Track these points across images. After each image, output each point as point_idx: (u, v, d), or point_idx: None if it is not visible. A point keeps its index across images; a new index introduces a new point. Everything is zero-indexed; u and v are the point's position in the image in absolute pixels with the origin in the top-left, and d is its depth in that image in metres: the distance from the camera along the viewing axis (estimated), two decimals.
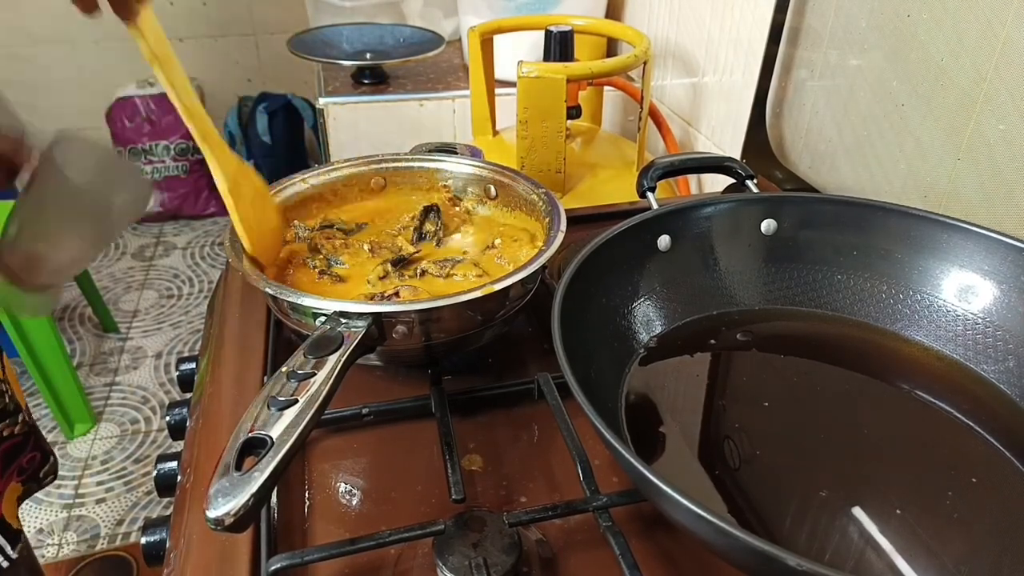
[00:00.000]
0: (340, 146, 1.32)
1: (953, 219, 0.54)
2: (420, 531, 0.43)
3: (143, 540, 0.52)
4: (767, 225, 0.60)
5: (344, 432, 0.55)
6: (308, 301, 0.50)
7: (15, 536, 0.75)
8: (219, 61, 2.48)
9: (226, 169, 0.55)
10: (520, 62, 0.88)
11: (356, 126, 1.32)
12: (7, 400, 0.74)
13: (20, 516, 0.77)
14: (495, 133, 1.12)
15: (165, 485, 0.58)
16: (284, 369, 0.44)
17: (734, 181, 0.69)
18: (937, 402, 0.51)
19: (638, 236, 0.56)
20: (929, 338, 0.55)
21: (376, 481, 0.51)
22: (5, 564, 0.73)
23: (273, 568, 0.42)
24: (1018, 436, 0.48)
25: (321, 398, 0.42)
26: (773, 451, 0.49)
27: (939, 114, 0.66)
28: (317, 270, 0.61)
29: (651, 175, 0.66)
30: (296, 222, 0.66)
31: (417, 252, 0.63)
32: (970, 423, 0.49)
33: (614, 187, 0.99)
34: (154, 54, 0.49)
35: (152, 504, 1.53)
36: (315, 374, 0.43)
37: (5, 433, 0.73)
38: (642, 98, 0.99)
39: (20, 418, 0.75)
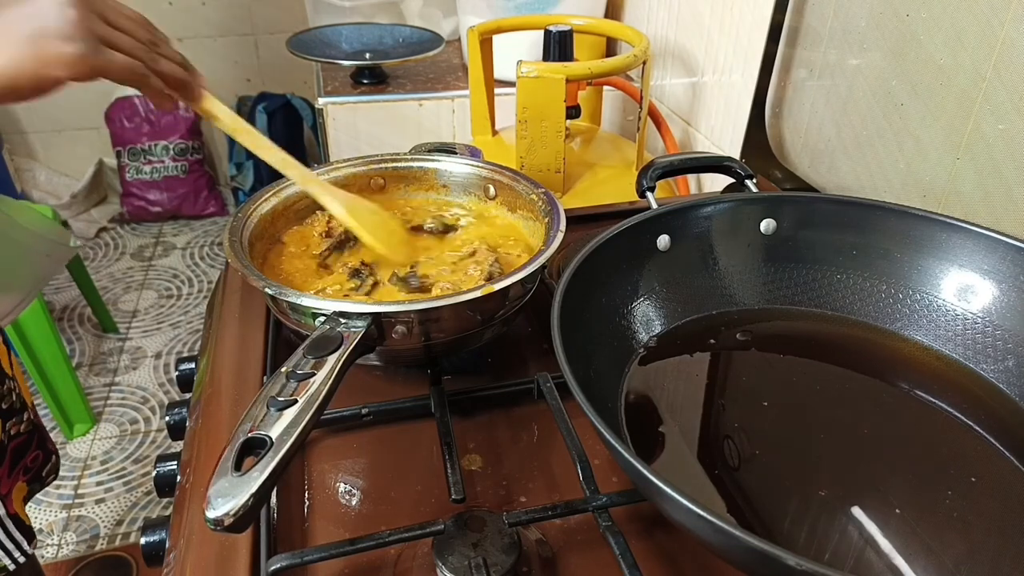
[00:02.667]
0: (339, 146, 1.32)
1: (952, 219, 0.54)
2: (420, 531, 0.43)
3: (143, 540, 0.52)
4: (766, 225, 0.60)
5: (344, 432, 0.55)
6: (307, 301, 0.50)
7: (30, 532, 0.75)
8: (218, 61, 2.48)
9: (340, 200, 0.61)
10: (519, 62, 0.88)
11: (355, 126, 1.32)
12: (14, 398, 0.74)
13: (27, 514, 0.77)
14: (494, 133, 1.12)
15: (165, 485, 0.58)
16: (283, 369, 0.44)
17: (733, 181, 0.69)
18: (936, 402, 0.51)
19: (637, 236, 0.56)
20: (928, 338, 0.56)
21: (376, 481, 0.51)
22: (22, 559, 0.73)
23: (273, 568, 0.42)
24: (1017, 436, 0.48)
25: (321, 398, 0.42)
26: (772, 451, 0.49)
27: (938, 114, 0.66)
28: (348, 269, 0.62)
29: (650, 175, 0.66)
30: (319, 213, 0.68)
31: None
32: (970, 423, 0.49)
33: (613, 187, 0.99)
34: (232, 128, 0.57)
35: (152, 504, 1.53)
36: (314, 374, 0.43)
37: (13, 432, 0.73)
38: (641, 98, 0.99)
39: (25, 416, 0.76)
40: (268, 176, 2.43)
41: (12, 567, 0.73)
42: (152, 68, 0.50)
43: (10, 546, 0.73)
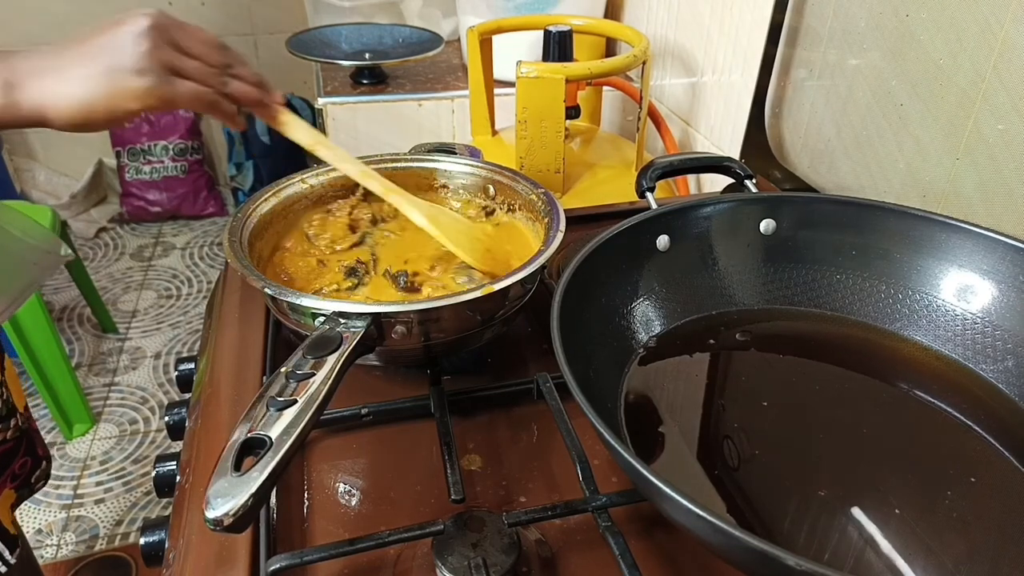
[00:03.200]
0: (339, 146, 1.32)
1: (952, 219, 0.54)
2: (419, 531, 0.43)
3: (142, 540, 0.52)
4: (766, 225, 0.60)
5: (343, 432, 0.55)
6: (307, 301, 0.50)
7: (13, 541, 0.74)
8: None
9: (421, 209, 0.60)
10: (519, 62, 0.88)
11: (355, 126, 1.32)
12: (1, 404, 0.73)
13: (18, 517, 0.77)
14: (494, 133, 1.12)
15: (164, 485, 0.58)
16: (283, 369, 0.44)
17: (733, 181, 0.69)
18: (936, 402, 0.51)
19: (637, 236, 0.56)
20: (928, 338, 0.56)
21: (375, 481, 0.51)
22: (3, 569, 0.73)
23: (272, 568, 0.42)
24: (1017, 436, 0.48)
25: (320, 398, 0.42)
26: (772, 451, 0.49)
27: (938, 114, 0.66)
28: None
29: (650, 175, 0.66)
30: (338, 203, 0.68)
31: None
32: (969, 423, 0.49)
33: (613, 187, 0.99)
34: (312, 144, 0.57)
35: (151, 504, 1.53)
36: (314, 374, 0.43)
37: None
38: (641, 98, 0.99)
39: (12, 423, 0.75)
40: (267, 176, 2.43)
41: None
42: (222, 93, 0.51)
43: None
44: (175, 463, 0.58)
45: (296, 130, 0.57)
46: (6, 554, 0.73)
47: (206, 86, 0.50)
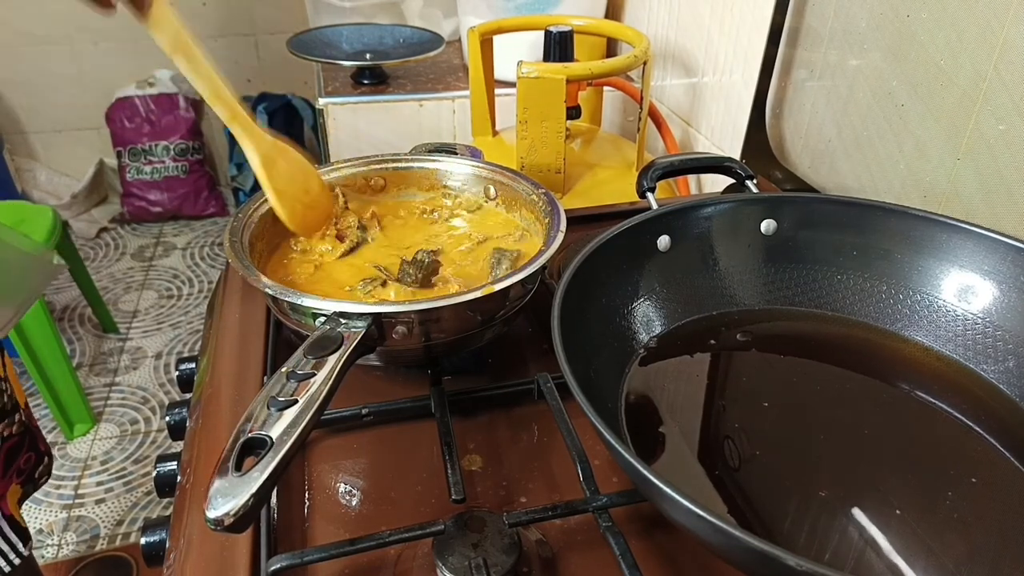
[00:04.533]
0: (340, 146, 1.32)
1: (953, 219, 0.54)
2: (420, 531, 0.43)
3: (143, 540, 0.52)
4: (767, 225, 0.60)
5: (344, 432, 0.55)
6: (308, 301, 0.50)
7: (25, 534, 0.75)
8: (219, 61, 2.46)
9: (258, 146, 0.56)
10: (520, 62, 0.88)
11: (356, 126, 1.32)
12: (5, 399, 0.74)
13: (22, 516, 0.77)
14: (495, 133, 1.12)
15: (165, 485, 0.58)
16: (284, 369, 0.44)
17: (734, 181, 0.69)
18: (937, 402, 0.51)
19: (638, 236, 0.56)
20: (929, 338, 0.56)
21: (376, 481, 0.51)
22: (17, 561, 0.74)
23: (273, 568, 0.42)
24: (1018, 436, 0.48)
25: (321, 398, 0.42)
26: (773, 451, 0.49)
27: (939, 114, 0.66)
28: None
29: (651, 175, 0.66)
30: (339, 189, 0.68)
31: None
32: (970, 423, 0.49)
33: (614, 187, 0.99)
34: (173, 46, 0.50)
35: (152, 504, 1.53)
36: (315, 374, 0.43)
37: (5, 433, 0.73)
38: (642, 98, 0.99)
39: (16, 418, 0.75)
40: None
41: (8, 569, 0.73)
42: None
43: (5, 548, 0.73)
44: (176, 463, 0.58)
45: (162, 32, 0.50)
46: (20, 546, 0.74)
47: None
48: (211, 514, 0.35)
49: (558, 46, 0.96)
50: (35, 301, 0.76)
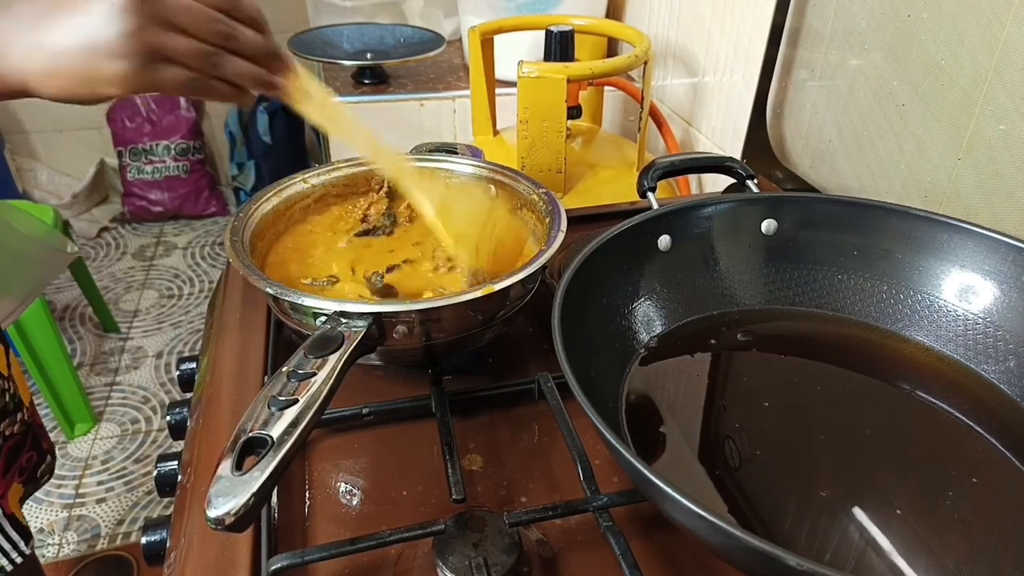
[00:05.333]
0: (341, 146, 1.32)
1: (954, 219, 0.54)
2: (420, 531, 0.43)
3: (143, 540, 0.52)
4: (767, 225, 0.60)
5: (344, 432, 0.55)
6: (308, 301, 0.50)
7: (27, 532, 0.75)
8: None
9: (431, 197, 0.56)
10: (520, 62, 0.88)
11: None
12: (8, 398, 0.74)
13: (23, 515, 0.77)
14: (495, 133, 1.12)
15: (165, 485, 0.58)
16: (284, 369, 0.44)
17: (734, 181, 0.69)
18: (937, 402, 0.51)
19: (638, 236, 0.56)
20: (930, 338, 0.55)
21: (376, 481, 0.51)
22: (19, 560, 0.74)
23: (273, 568, 0.42)
24: (1018, 436, 0.48)
25: (321, 398, 0.42)
26: (773, 451, 0.49)
27: (939, 114, 0.66)
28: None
29: (651, 175, 0.66)
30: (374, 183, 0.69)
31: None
32: (970, 423, 0.49)
33: (614, 187, 0.99)
34: (323, 117, 0.52)
35: (152, 504, 1.53)
36: (315, 374, 0.43)
37: (7, 432, 0.73)
38: (642, 98, 0.99)
39: (19, 416, 0.76)
40: (269, 176, 2.43)
41: (10, 568, 0.73)
42: (214, 76, 0.46)
43: (7, 547, 0.73)
44: (176, 462, 0.58)
45: (306, 106, 0.51)
46: (22, 545, 0.74)
47: (194, 71, 0.44)
48: (212, 513, 0.35)
49: (559, 46, 0.96)
50: (44, 288, 0.76)
